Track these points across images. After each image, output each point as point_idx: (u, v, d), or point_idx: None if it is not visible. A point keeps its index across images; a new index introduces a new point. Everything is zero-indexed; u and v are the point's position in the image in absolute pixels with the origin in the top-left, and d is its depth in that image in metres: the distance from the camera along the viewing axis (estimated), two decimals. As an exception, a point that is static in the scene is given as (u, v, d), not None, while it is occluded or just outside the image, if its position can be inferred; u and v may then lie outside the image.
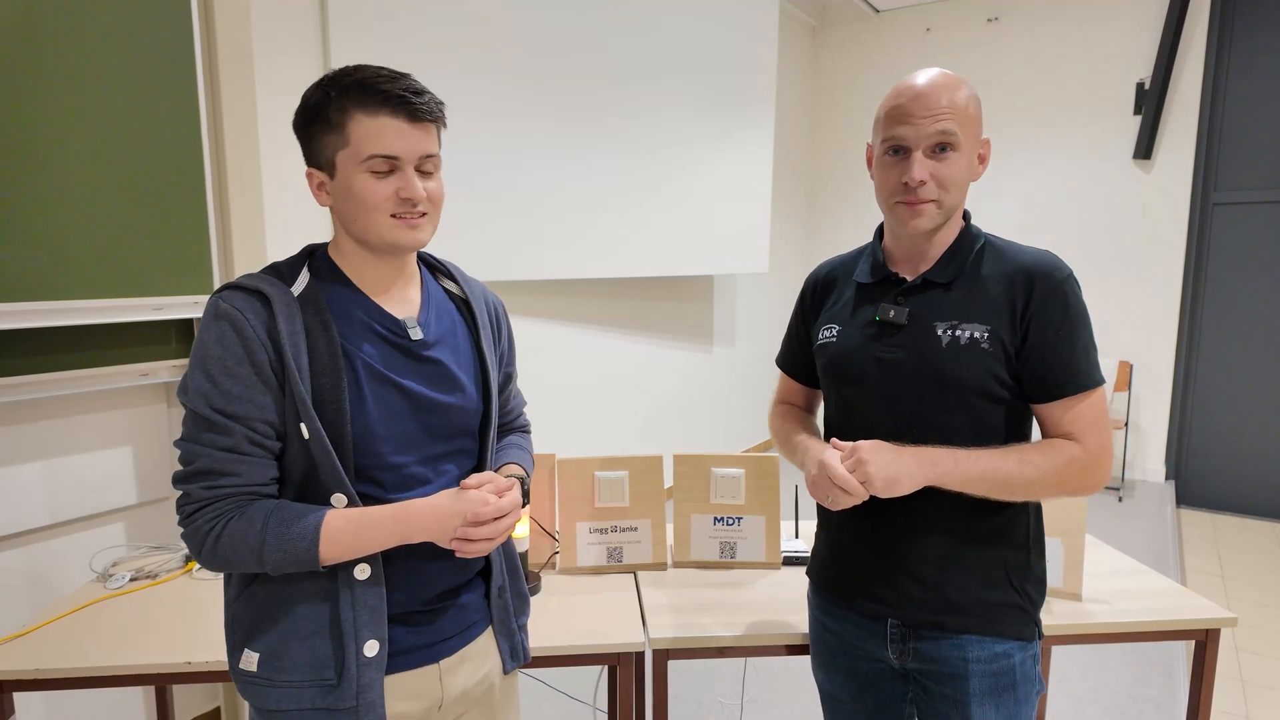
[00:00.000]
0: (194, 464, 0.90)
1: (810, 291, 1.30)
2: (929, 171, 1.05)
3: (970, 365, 1.06)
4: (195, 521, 0.89)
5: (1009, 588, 1.11)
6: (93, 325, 1.83)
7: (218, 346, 0.89)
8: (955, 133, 1.04)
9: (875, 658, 1.19)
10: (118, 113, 1.78)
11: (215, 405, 0.88)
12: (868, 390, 1.15)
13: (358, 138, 0.89)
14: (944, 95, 1.04)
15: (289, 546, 0.89)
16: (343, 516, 0.91)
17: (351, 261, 0.99)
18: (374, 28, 2.56)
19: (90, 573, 1.74)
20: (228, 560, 0.90)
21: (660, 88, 3.80)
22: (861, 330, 1.16)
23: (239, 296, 0.91)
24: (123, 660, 1.34)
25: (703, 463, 1.77)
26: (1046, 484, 1.04)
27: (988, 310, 1.07)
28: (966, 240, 1.12)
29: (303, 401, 0.90)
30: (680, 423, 4.73)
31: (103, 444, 1.96)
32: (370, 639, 0.95)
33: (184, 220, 1.93)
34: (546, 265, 3.36)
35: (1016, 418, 1.10)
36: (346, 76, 0.90)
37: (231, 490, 0.90)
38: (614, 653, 1.44)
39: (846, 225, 5.91)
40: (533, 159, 3.22)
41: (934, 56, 5.37)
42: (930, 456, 1.04)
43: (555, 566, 1.76)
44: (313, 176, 0.95)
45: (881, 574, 1.15)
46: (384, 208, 0.92)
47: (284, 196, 2.34)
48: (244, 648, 0.96)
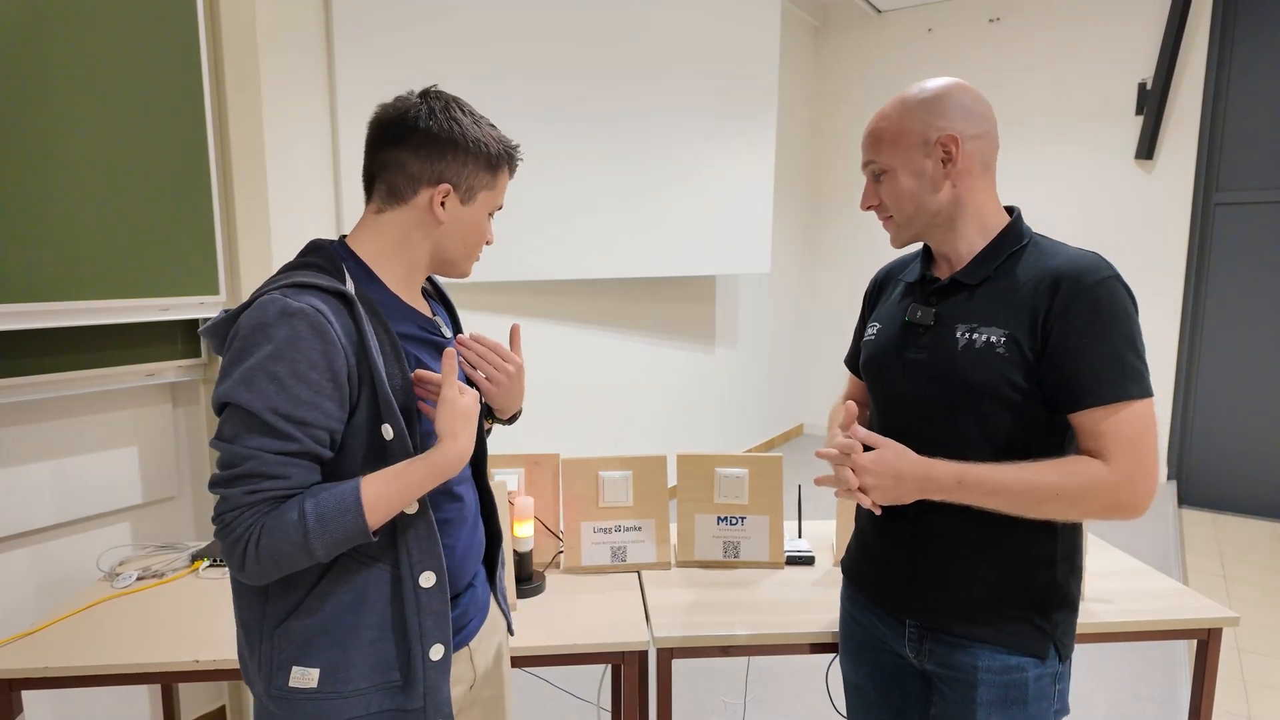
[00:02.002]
0: (240, 467, 0.85)
1: (871, 288, 1.33)
2: (875, 196, 1.14)
3: (983, 370, 1.04)
4: (235, 529, 0.85)
5: (1025, 604, 1.08)
6: (99, 326, 1.84)
7: (290, 348, 0.84)
8: (875, 161, 1.11)
9: (898, 653, 1.20)
10: (124, 115, 1.79)
11: (280, 410, 0.84)
12: (894, 390, 1.16)
13: (498, 189, 1.04)
14: (872, 127, 1.12)
15: (333, 524, 0.86)
16: (378, 479, 0.89)
17: (392, 264, 1.00)
18: (377, 32, 2.57)
19: (97, 572, 1.75)
20: (275, 561, 0.85)
21: (662, 88, 3.80)
22: (896, 330, 1.17)
23: (315, 296, 0.88)
24: (129, 659, 1.35)
25: (706, 463, 1.78)
26: (1065, 504, 0.99)
27: (1009, 313, 1.04)
28: (1006, 241, 1.09)
29: (388, 403, 0.90)
30: (683, 423, 4.74)
31: (109, 444, 1.97)
32: (436, 643, 0.96)
33: (190, 222, 1.94)
34: (549, 266, 3.37)
35: (1044, 429, 1.05)
36: (499, 133, 1.02)
37: (275, 493, 0.86)
38: (618, 651, 1.45)
39: (848, 226, 5.92)
40: (535, 161, 3.23)
41: (935, 57, 5.37)
42: (934, 475, 1.03)
43: (559, 566, 1.77)
44: (444, 191, 0.98)
45: (902, 574, 1.16)
46: (482, 245, 1.06)
47: (288, 197, 2.35)
48: (293, 665, 0.93)
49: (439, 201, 0.97)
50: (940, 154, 1.07)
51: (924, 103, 1.07)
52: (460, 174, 0.98)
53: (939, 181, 1.08)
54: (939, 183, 1.08)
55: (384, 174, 0.98)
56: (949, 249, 1.12)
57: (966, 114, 1.06)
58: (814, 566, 1.78)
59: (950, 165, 1.07)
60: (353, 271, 0.97)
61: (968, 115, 1.06)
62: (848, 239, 5.93)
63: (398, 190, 0.98)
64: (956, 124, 1.06)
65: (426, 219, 0.99)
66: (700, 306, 4.80)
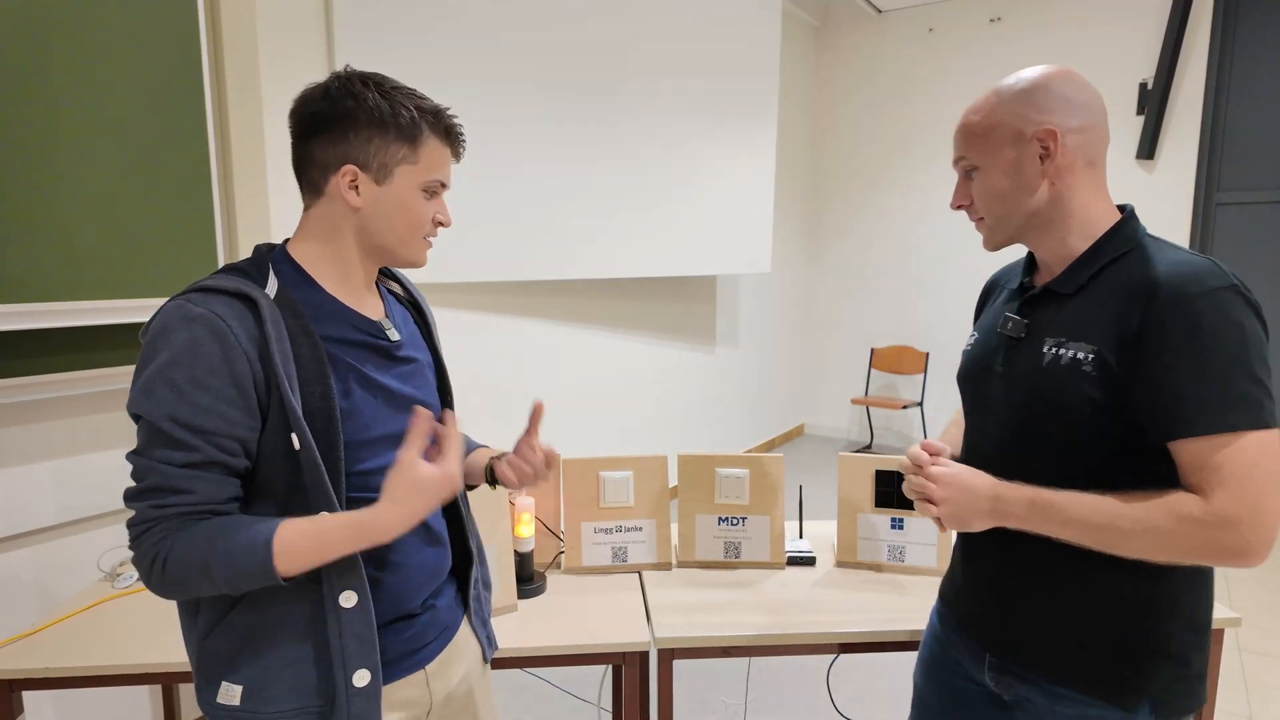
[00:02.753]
0: (144, 480, 0.82)
1: (980, 298, 1.26)
2: (966, 195, 1.06)
3: (1065, 389, 0.95)
4: (142, 544, 0.82)
5: (1113, 651, 0.97)
6: (100, 326, 1.84)
7: (188, 354, 0.81)
8: (966, 157, 1.03)
9: (971, 678, 1.14)
10: (125, 115, 1.79)
11: (179, 418, 0.81)
12: (984, 406, 1.09)
13: (426, 161, 0.94)
14: (963, 121, 1.04)
15: (239, 560, 0.81)
16: (295, 527, 0.84)
17: (327, 263, 0.95)
18: (379, 34, 2.57)
19: (98, 572, 1.74)
20: (179, 582, 0.82)
21: (662, 88, 3.80)
22: (990, 340, 1.11)
23: (218, 300, 0.84)
24: (130, 659, 1.35)
25: (707, 463, 1.78)
26: (1151, 543, 0.88)
27: (1098, 326, 0.94)
28: (1108, 246, 0.98)
29: (293, 411, 0.84)
30: (683, 423, 4.74)
31: (110, 444, 1.97)
32: (360, 668, 0.90)
33: (191, 222, 1.94)
34: (550, 266, 3.37)
35: (1139, 458, 0.94)
36: (421, 100, 0.93)
37: (182, 508, 0.82)
38: (619, 652, 1.45)
39: (850, 225, 5.92)
40: (535, 162, 3.23)
41: (936, 57, 5.37)
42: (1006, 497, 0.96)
43: (560, 566, 1.77)
44: (349, 173, 0.91)
45: (982, 604, 1.10)
46: (425, 229, 0.97)
47: (288, 197, 2.35)
48: (221, 681, 0.90)
49: (348, 185, 0.91)
50: (1037, 150, 0.97)
51: (1019, 94, 0.98)
52: (366, 151, 0.90)
53: (1035, 180, 0.99)
54: (1035, 181, 0.99)
55: (302, 169, 0.94)
56: (1048, 253, 1.04)
57: (1067, 105, 0.97)
58: (815, 567, 1.78)
59: (1048, 162, 0.97)
60: (285, 274, 0.93)
61: (1068, 106, 0.97)
62: (849, 239, 5.93)
63: (314, 183, 0.93)
64: (1055, 116, 0.96)
65: (343, 208, 0.92)
66: (701, 307, 4.80)
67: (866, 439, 5.99)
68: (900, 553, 1.75)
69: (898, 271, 5.73)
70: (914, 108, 5.50)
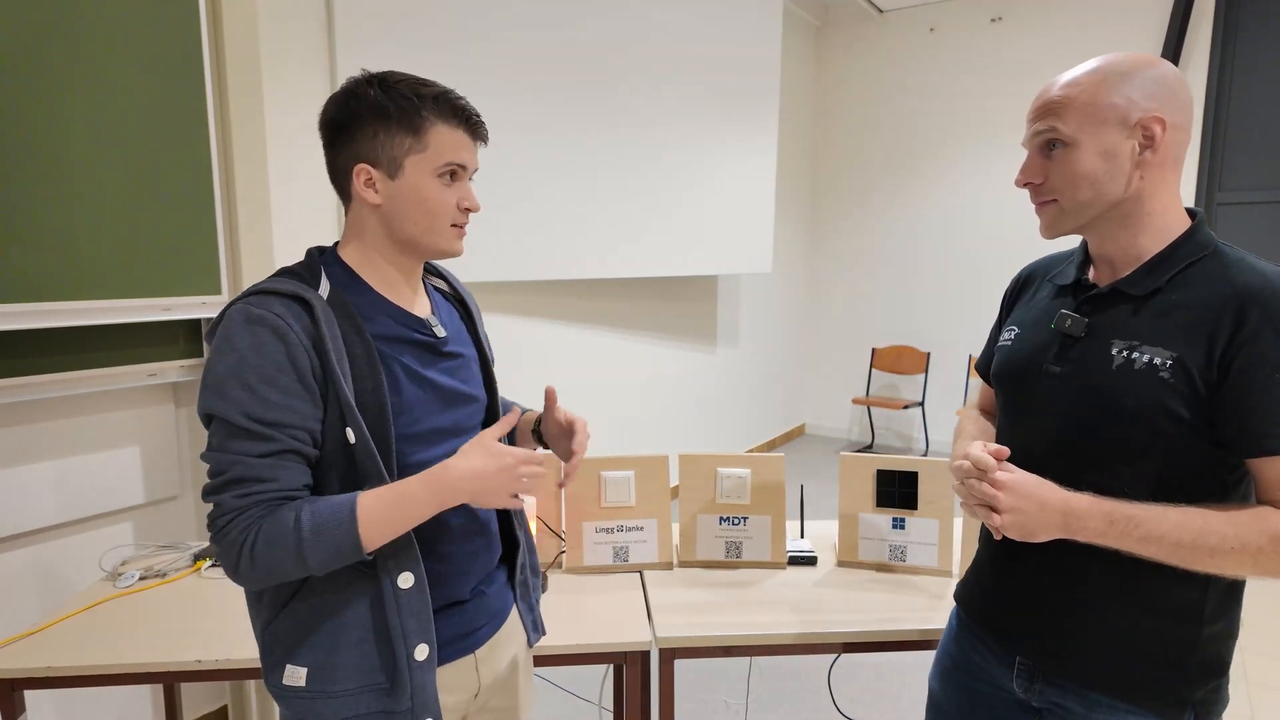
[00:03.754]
0: (226, 473, 0.86)
1: (1011, 289, 1.19)
2: (1041, 172, 0.98)
3: (1139, 395, 0.91)
4: (229, 534, 0.86)
5: (1160, 660, 0.95)
6: (102, 326, 1.84)
7: (254, 354, 0.85)
8: (1058, 128, 0.94)
9: (997, 684, 1.10)
10: (126, 115, 1.79)
11: (253, 414, 0.85)
12: (1030, 406, 1.04)
13: (435, 146, 0.94)
14: (1057, 89, 0.95)
15: (327, 537, 0.86)
16: (375, 495, 0.89)
17: (371, 263, 0.99)
18: (380, 37, 2.57)
19: (99, 571, 1.75)
20: (269, 568, 0.86)
21: (664, 88, 3.80)
22: (1038, 337, 1.04)
23: (276, 302, 0.88)
24: (131, 659, 1.35)
25: (708, 463, 1.78)
26: (1236, 560, 0.85)
27: (1180, 333, 0.90)
28: (1184, 248, 0.94)
29: (349, 406, 0.89)
30: (684, 422, 4.74)
31: (112, 444, 1.97)
32: (420, 643, 0.95)
33: (193, 221, 1.94)
34: (551, 266, 3.37)
35: (1206, 471, 0.91)
36: (423, 86, 0.94)
37: (265, 495, 0.86)
38: (620, 651, 1.45)
39: (851, 225, 5.92)
40: (535, 162, 3.23)
41: (937, 56, 5.36)
42: (1081, 512, 0.90)
43: (561, 566, 1.77)
44: (363, 172, 0.93)
45: (1017, 608, 1.06)
46: (448, 216, 0.97)
47: (290, 197, 2.35)
48: (286, 664, 0.95)
49: (364, 184, 0.94)
50: (1139, 138, 0.91)
51: (1129, 75, 0.91)
52: (373, 147, 0.93)
53: (1128, 169, 0.92)
54: (1127, 171, 0.92)
55: (332, 177, 0.98)
56: (1115, 250, 0.98)
57: (1174, 99, 0.92)
58: (816, 567, 1.78)
59: (1149, 153, 0.92)
60: (335, 276, 0.97)
61: (1175, 100, 0.92)
62: (850, 238, 5.93)
63: (342, 188, 0.98)
64: (1164, 107, 0.91)
65: (366, 207, 0.96)
66: (702, 306, 4.80)
67: (867, 439, 5.99)
68: (901, 552, 1.75)
69: (899, 271, 5.73)
70: (915, 107, 5.50)
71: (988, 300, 5.36)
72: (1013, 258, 5.21)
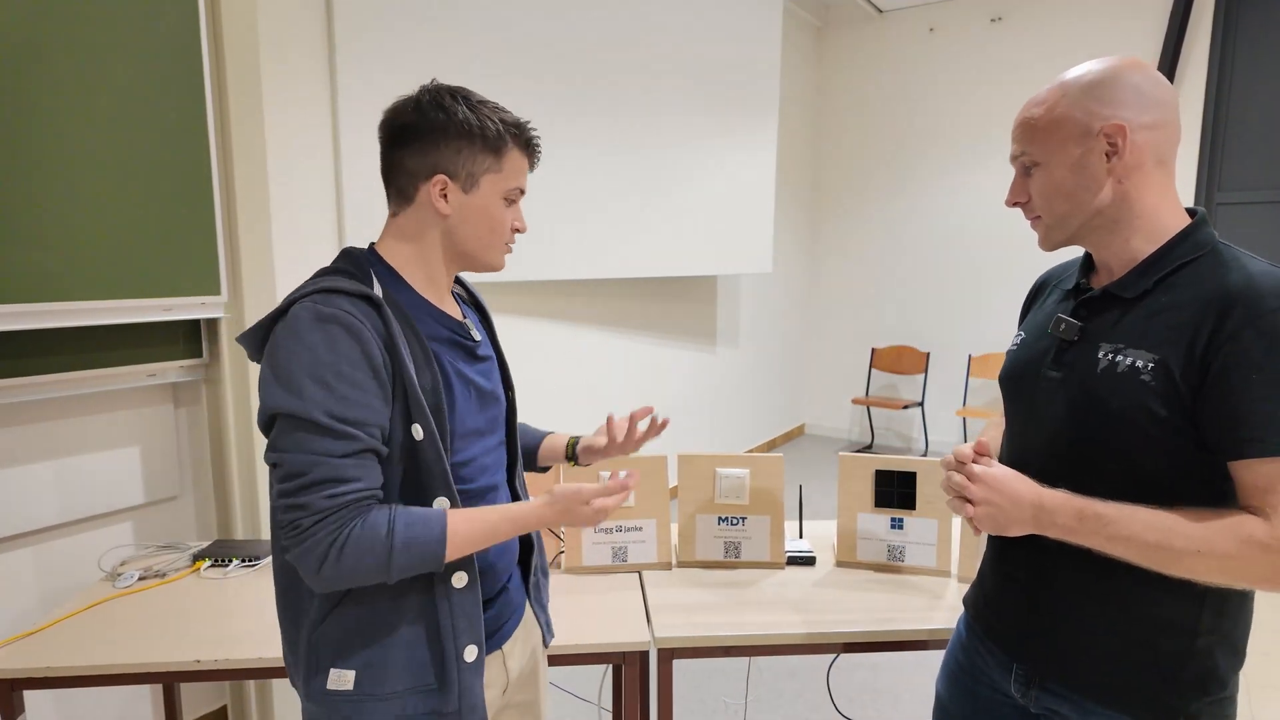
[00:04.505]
0: (311, 473, 0.85)
1: (1028, 296, 1.20)
2: (1024, 191, 1.01)
3: (1120, 397, 0.91)
4: (315, 534, 0.85)
5: (1152, 672, 0.94)
6: (101, 326, 1.84)
7: (329, 352, 0.86)
8: (1026, 152, 0.98)
9: (998, 689, 1.11)
10: (125, 114, 1.79)
11: (334, 413, 0.85)
12: (1029, 411, 1.05)
13: (509, 170, 1.00)
14: (1025, 115, 0.98)
15: (417, 549, 0.88)
16: (464, 519, 0.93)
17: (420, 266, 1.01)
18: (379, 35, 2.57)
19: (99, 571, 1.75)
20: (352, 570, 0.86)
21: (664, 89, 3.80)
22: (1039, 342, 1.06)
23: (344, 300, 0.89)
24: (131, 659, 1.36)
25: (707, 463, 1.78)
26: (1209, 565, 0.84)
27: (1163, 335, 0.89)
28: (1178, 249, 0.93)
29: (418, 403, 0.91)
30: (683, 423, 4.74)
31: (111, 444, 1.97)
32: (469, 644, 0.97)
33: (192, 221, 1.94)
34: (551, 266, 3.37)
35: (1195, 475, 0.90)
36: (504, 113, 0.99)
37: (354, 496, 0.87)
38: (619, 652, 1.45)
39: (850, 225, 5.92)
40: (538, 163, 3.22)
41: (937, 57, 5.36)
42: (1051, 506, 0.91)
43: (560, 566, 1.77)
44: (440, 182, 0.96)
45: (1014, 614, 1.07)
46: (505, 235, 1.03)
47: (289, 196, 2.35)
48: (331, 668, 0.94)
49: (439, 193, 0.97)
50: (1104, 146, 0.92)
51: (1087, 87, 0.92)
52: (456, 161, 0.96)
53: (1100, 178, 0.93)
54: (1100, 179, 0.93)
55: (392, 176, 0.99)
56: (1109, 255, 0.98)
57: (1139, 99, 0.91)
58: (815, 567, 1.78)
59: (1116, 159, 0.92)
60: (381, 276, 0.98)
61: (1140, 101, 0.91)
62: (849, 239, 5.93)
63: (404, 191, 0.98)
64: (1126, 111, 0.91)
65: (431, 213, 0.98)
66: (702, 307, 4.80)
67: (867, 439, 5.99)
68: (900, 552, 1.75)
69: (898, 271, 5.73)
70: (915, 107, 5.50)
71: (987, 300, 5.36)
72: (1013, 258, 5.21)
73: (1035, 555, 1.01)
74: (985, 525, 0.94)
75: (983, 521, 0.94)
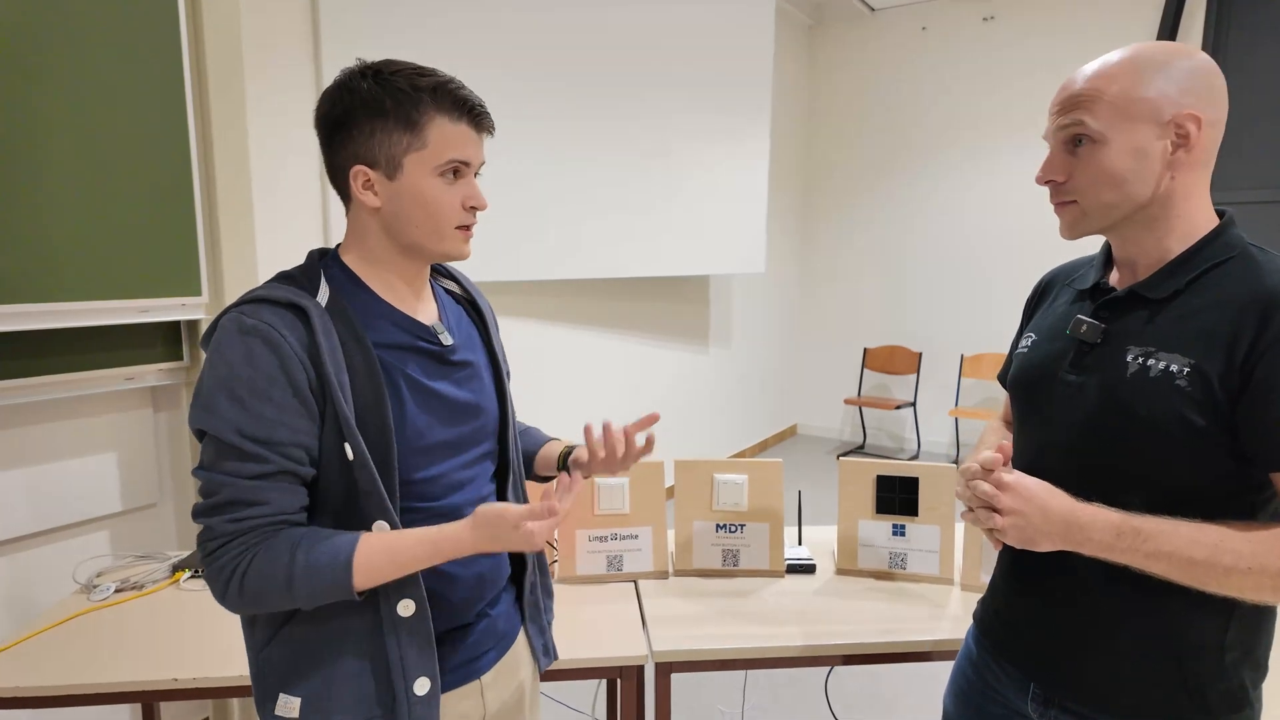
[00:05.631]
0: (217, 495, 0.81)
1: (1032, 296, 1.15)
2: (1065, 169, 0.92)
3: (1153, 403, 0.86)
4: (219, 559, 0.81)
5: (1179, 691, 0.90)
6: (76, 328, 1.78)
7: (246, 366, 0.80)
8: (1085, 123, 0.88)
9: (1013, 708, 1.06)
10: (103, 112, 1.73)
11: (245, 431, 0.80)
12: (1044, 415, 0.99)
13: (436, 142, 0.87)
14: (1084, 80, 0.88)
15: (320, 575, 0.82)
16: (372, 544, 0.85)
17: (375, 267, 0.93)
18: (365, 34, 2.51)
19: (73, 584, 1.69)
20: (257, 596, 0.82)
21: (656, 87, 3.75)
22: (1055, 344, 1.00)
23: (268, 310, 0.82)
24: (108, 677, 1.30)
25: (705, 469, 1.73)
26: (1254, 582, 0.80)
27: (1199, 339, 0.85)
28: (1208, 250, 0.89)
29: (346, 421, 0.83)
30: (675, 424, 4.69)
31: (86, 450, 1.90)
32: (420, 676, 0.90)
33: (171, 221, 1.88)
34: (541, 266, 3.32)
35: (1227, 484, 0.86)
36: (420, 77, 0.86)
37: (259, 521, 0.82)
38: (616, 666, 1.41)
39: (843, 224, 5.89)
40: (526, 161, 3.17)
41: (930, 55, 5.34)
42: (1086, 522, 0.85)
43: (554, 576, 1.72)
44: (360, 174, 0.87)
45: (1030, 631, 1.02)
46: (453, 217, 0.90)
47: (274, 194, 2.29)
48: (280, 694, 0.89)
49: (361, 186, 0.88)
50: (1173, 135, 0.85)
51: (1163, 67, 0.85)
52: (369, 147, 0.86)
53: (1158, 169, 0.86)
54: (1158, 170, 0.86)
55: (329, 178, 0.92)
56: (1138, 253, 0.93)
57: (1211, 95, 0.85)
58: (815, 575, 1.74)
59: (1182, 152, 0.86)
60: (336, 279, 0.91)
61: (1212, 96, 0.85)
62: (842, 238, 5.90)
63: (341, 190, 0.91)
64: (1197, 102, 0.84)
65: (365, 210, 0.90)
66: (694, 307, 4.76)
67: (859, 439, 5.97)
68: (902, 560, 1.71)
69: (891, 271, 5.71)
70: (907, 106, 5.48)
71: (981, 300, 5.35)
72: (1006, 257, 5.20)
73: (1054, 570, 0.96)
74: (1011, 538, 0.88)
75: (1009, 534, 0.87)
